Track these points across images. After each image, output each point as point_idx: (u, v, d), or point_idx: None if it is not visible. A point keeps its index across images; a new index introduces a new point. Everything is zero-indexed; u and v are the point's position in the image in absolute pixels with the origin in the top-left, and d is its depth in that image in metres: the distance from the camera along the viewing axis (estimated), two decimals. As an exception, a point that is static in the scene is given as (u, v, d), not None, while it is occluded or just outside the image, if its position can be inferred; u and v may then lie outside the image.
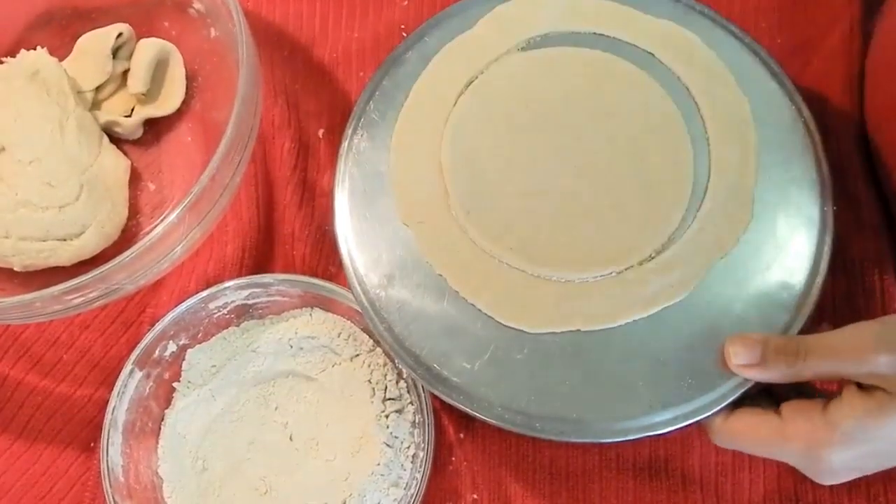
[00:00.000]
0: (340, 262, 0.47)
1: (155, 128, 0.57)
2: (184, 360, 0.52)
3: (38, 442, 0.52)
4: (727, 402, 0.42)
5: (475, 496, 0.49)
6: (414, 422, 0.49)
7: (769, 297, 0.44)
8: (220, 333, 0.52)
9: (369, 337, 0.51)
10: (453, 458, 0.50)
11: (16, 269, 0.52)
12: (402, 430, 0.48)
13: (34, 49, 0.55)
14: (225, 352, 0.52)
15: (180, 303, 0.51)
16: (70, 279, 0.44)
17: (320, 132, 0.56)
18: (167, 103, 0.56)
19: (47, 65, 0.54)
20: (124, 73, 0.57)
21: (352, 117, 0.50)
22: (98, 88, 0.56)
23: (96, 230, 0.52)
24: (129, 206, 0.54)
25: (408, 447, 0.48)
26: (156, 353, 0.51)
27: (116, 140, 0.56)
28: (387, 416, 0.48)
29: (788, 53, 0.53)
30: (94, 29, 0.57)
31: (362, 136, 0.49)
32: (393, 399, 0.49)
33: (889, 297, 0.48)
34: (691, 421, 0.43)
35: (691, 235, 0.45)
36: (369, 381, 0.49)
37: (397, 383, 0.49)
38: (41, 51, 0.55)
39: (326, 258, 0.54)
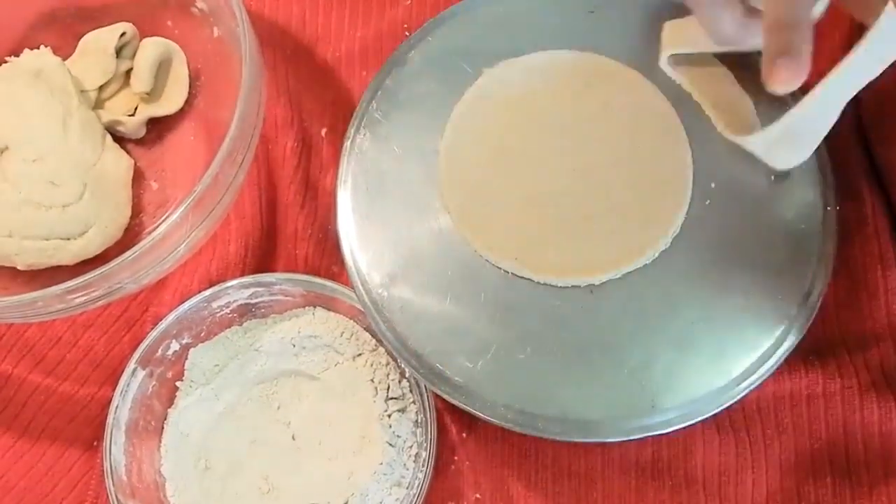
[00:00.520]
0: (343, 261, 0.47)
1: (158, 127, 0.57)
2: (186, 359, 0.52)
3: (42, 441, 0.52)
4: (731, 402, 0.43)
5: (478, 496, 0.49)
6: (416, 421, 0.49)
7: (771, 297, 0.44)
8: (223, 332, 0.52)
9: (372, 336, 0.51)
10: (456, 458, 0.50)
11: (19, 268, 0.52)
12: (404, 429, 0.48)
13: (38, 48, 0.55)
14: (228, 351, 0.52)
15: (183, 302, 0.51)
16: (73, 278, 0.44)
17: (323, 131, 0.56)
18: (170, 102, 0.56)
19: (51, 64, 0.54)
20: (127, 72, 0.57)
21: (354, 117, 0.50)
22: (101, 87, 0.56)
23: (99, 229, 0.52)
24: (132, 206, 0.54)
25: (410, 446, 0.48)
26: (159, 352, 0.51)
27: (119, 139, 0.56)
28: (389, 416, 0.48)
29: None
30: (98, 28, 0.57)
31: (365, 135, 0.49)
32: (395, 398, 0.49)
33: (892, 295, 0.48)
34: (694, 420, 0.43)
35: None
36: (372, 381, 0.49)
37: (400, 383, 0.49)
38: (44, 50, 0.55)
39: (329, 257, 0.54)
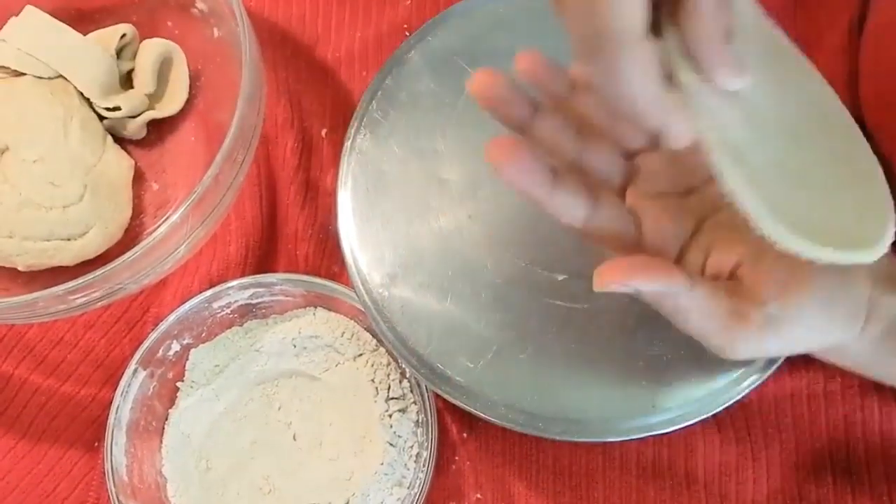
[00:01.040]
0: (343, 261, 0.47)
1: (158, 128, 0.57)
2: (187, 359, 0.52)
3: (43, 441, 0.52)
4: (732, 402, 0.43)
5: (478, 495, 0.49)
6: (417, 421, 0.49)
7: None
8: (224, 333, 0.52)
9: (372, 336, 0.51)
10: (457, 458, 0.50)
11: (19, 268, 0.52)
12: (405, 429, 0.48)
13: (38, 49, 0.55)
14: (228, 351, 0.52)
15: (184, 302, 0.51)
16: (73, 279, 0.44)
17: (323, 132, 0.56)
18: (171, 103, 0.56)
19: (51, 65, 0.54)
20: (128, 73, 0.57)
21: (355, 117, 0.50)
22: (102, 88, 0.56)
23: (100, 230, 0.52)
24: (132, 206, 0.54)
25: (411, 446, 0.48)
26: (159, 353, 0.51)
27: (120, 140, 0.56)
28: (390, 416, 0.48)
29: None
30: (98, 29, 0.57)
31: (365, 135, 0.49)
32: (396, 398, 0.49)
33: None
34: (694, 420, 0.43)
35: None
36: (372, 381, 0.49)
37: (400, 383, 0.49)
38: (45, 51, 0.55)
39: (329, 257, 0.53)
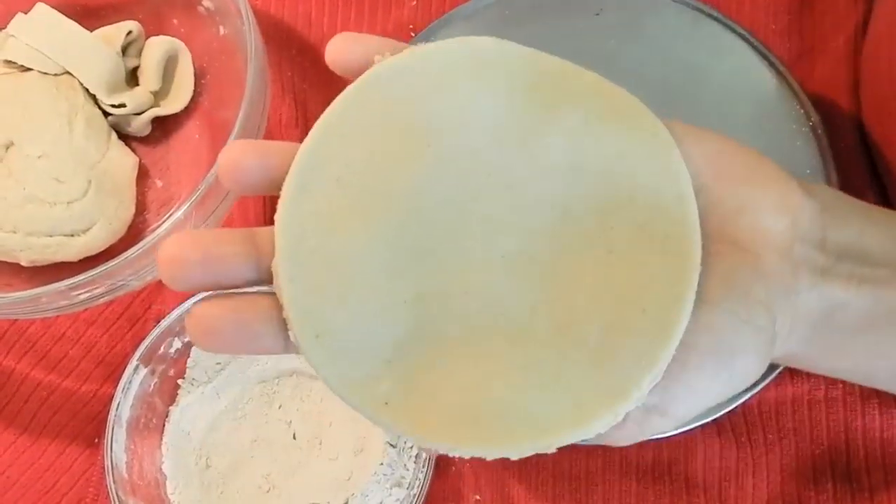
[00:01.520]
0: (346, 260, 0.47)
1: (163, 125, 0.57)
2: (189, 357, 0.52)
3: (43, 437, 0.52)
4: (732, 406, 0.43)
5: (477, 497, 0.49)
6: (417, 422, 0.49)
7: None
8: (225, 331, 0.52)
9: (374, 336, 0.51)
10: (456, 459, 0.50)
11: (23, 264, 0.52)
12: (405, 429, 0.48)
13: (44, 45, 0.55)
14: (230, 349, 0.52)
15: (186, 300, 0.51)
16: (76, 275, 0.44)
17: (327, 131, 0.56)
18: (175, 101, 0.56)
19: (56, 61, 0.54)
20: (133, 70, 0.57)
21: (359, 117, 0.50)
22: (107, 85, 0.56)
23: (103, 226, 0.52)
24: (136, 203, 0.54)
25: (411, 447, 0.48)
26: (161, 350, 0.51)
27: (124, 137, 0.56)
28: (390, 416, 0.48)
29: (794, 58, 0.53)
30: (104, 26, 0.57)
31: (369, 135, 0.49)
32: (397, 399, 0.49)
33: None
34: (695, 424, 0.43)
35: None
36: (373, 381, 0.49)
37: (401, 383, 0.49)
38: (51, 47, 0.55)
39: (332, 257, 0.54)
